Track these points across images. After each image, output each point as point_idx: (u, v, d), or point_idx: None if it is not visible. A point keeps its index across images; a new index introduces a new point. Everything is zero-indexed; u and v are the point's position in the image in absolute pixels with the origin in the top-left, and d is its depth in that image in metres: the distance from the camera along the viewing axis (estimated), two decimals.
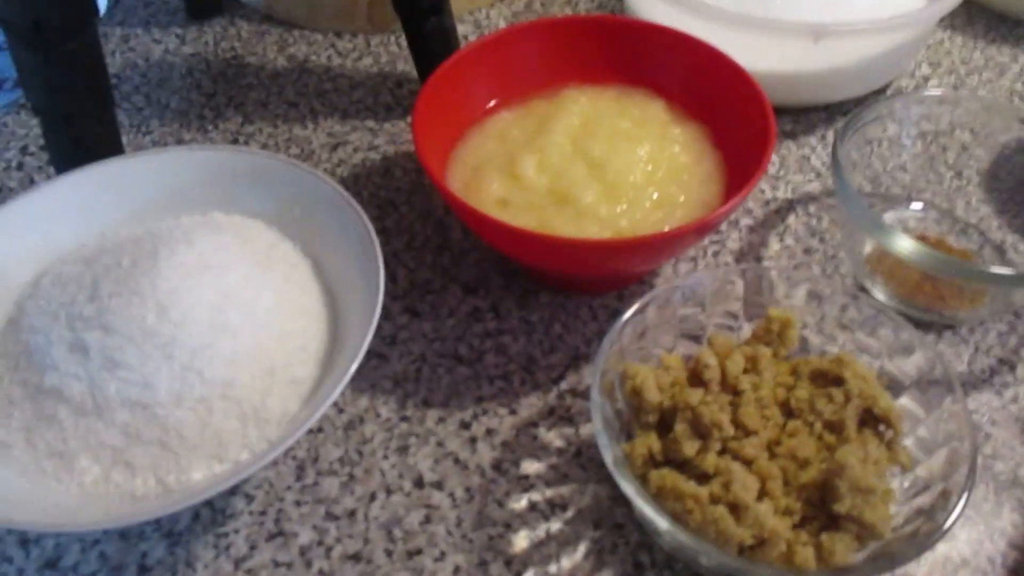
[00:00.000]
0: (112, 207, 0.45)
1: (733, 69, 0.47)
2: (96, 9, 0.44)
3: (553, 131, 0.47)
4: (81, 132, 0.47)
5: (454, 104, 0.48)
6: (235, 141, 0.58)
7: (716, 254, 0.50)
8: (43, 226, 0.44)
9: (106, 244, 0.43)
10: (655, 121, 0.48)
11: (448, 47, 0.54)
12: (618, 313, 0.47)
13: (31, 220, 0.44)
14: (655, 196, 0.44)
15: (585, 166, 0.45)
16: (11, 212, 0.43)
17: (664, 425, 0.38)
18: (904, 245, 0.42)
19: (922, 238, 0.50)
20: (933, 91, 0.55)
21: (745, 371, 0.39)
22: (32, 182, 0.55)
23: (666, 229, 0.42)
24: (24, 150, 0.57)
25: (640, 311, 0.39)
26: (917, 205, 0.52)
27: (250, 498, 0.40)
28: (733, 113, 0.47)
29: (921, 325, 0.46)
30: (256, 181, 0.46)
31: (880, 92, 0.59)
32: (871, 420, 0.38)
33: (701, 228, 0.41)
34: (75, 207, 0.45)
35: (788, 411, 0.38)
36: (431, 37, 0.53)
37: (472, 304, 0.47)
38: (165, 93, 0.61)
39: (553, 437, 0.42)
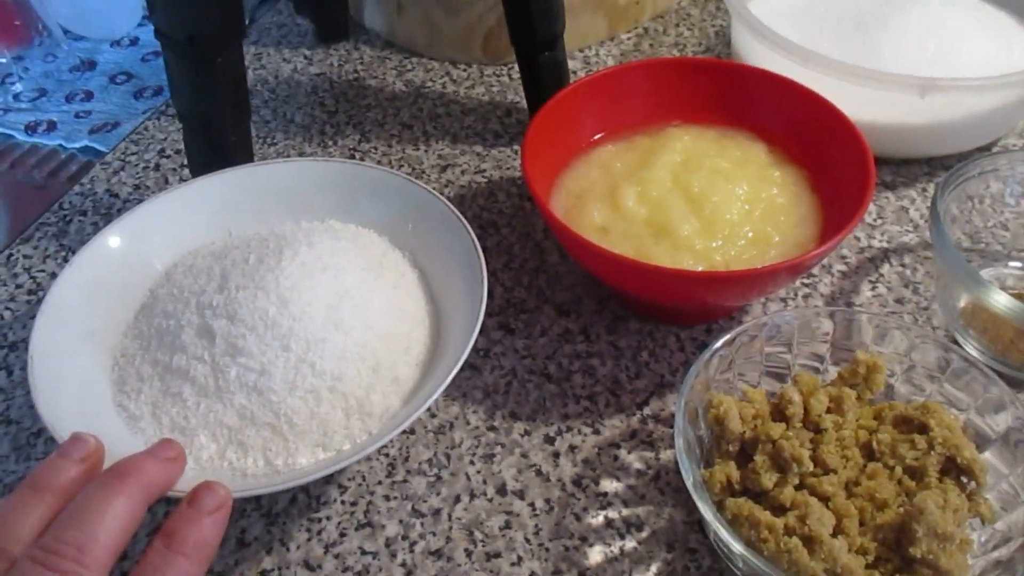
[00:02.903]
0: (241, 209, 0.49)
1: (836, 116, 0.48)
2: (244, 28, 0.48)
3: (655, 166, 0.48)
4: (219, 139, 0.51)
5: (561, 134, 0.50)
6: (352, 156, 0.61)
7: (807, 297, 0.51)
8: (180, 221, 0.48)
9: (234, 241, 0.47)
10: (755, 162, 0.49)
11: (560, 81, 0.57)
12: (705, 346, 0.48)
13: (169, 216, 0.48)
14: (750, 234, 0.46)
15: (684, 200, 0.47)
16: (152, 207, 0.48)
17: (744, 456, 0.39)
18: (999, 300, 0.42)
19: (1020, 296, 0.50)
20: None
21: (828, 410, 0.40)
22: (167, 182, 0.60)
23: (759, 267, 0.44)
24: (161, 152, 0.62)
25: (728, 344, 0.41)
26: (1017, 264, 0.52)
27: (344, 488, 0.43)
28: (833, 160, 0.48)
29: (1015, 383, 0.46)
30: (372, 194, 0.50)
31: (986, 149, 0.59)
32: (954, 470, 0.38)
33: (793, 268, 0.42)
34: (208, 207, 0.49)
35: (869, 453, 0.39)
36: (544, 70, 0.56)
37: (564, 325, 0.49)
38: (291, 108, 0.66)
39: (633, 459, 0.44)
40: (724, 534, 0.34)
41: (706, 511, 0.35)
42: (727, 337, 0.40)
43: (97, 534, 0.29)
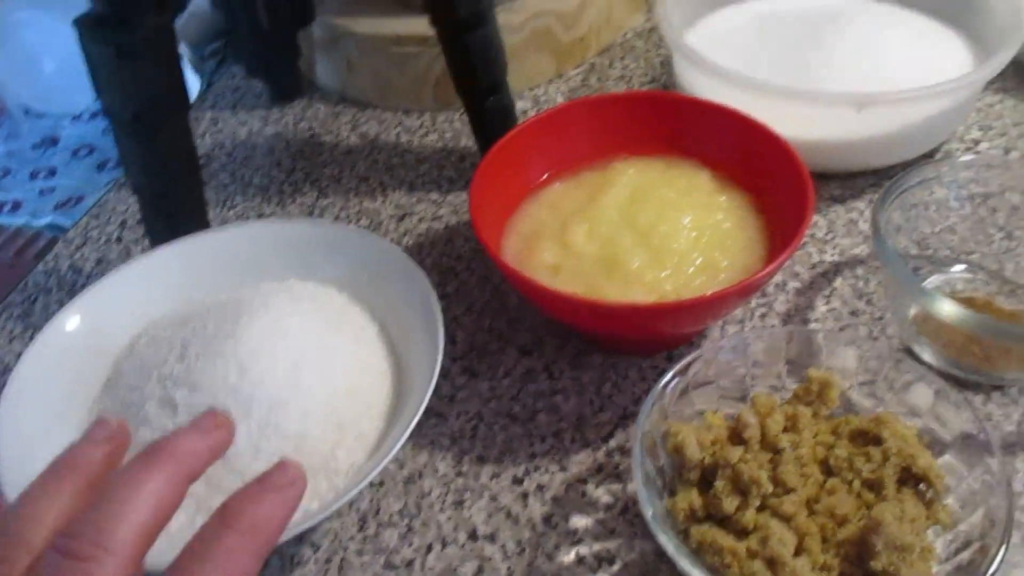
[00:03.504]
0: (200, 276, 0.50)
1: (773, 140, 0.49)
2: (187, 102, 0.49)
3: (602, 201, 0.49)
4: (173, 208, 0.52)
5: (509, 178, 0.51)
6: (311, 214, 0.62)
7: (763, 316, 0.51)
8: (139, 294, 0.49)
9: (194, 309, 0.48)
10: (700, 190, 0.50)
11: (506, 124, 0.58)
12: (666, 373, 0.49)
13: (129, 289, 0.48)
14: (699, 261, 0.46)
15: (632, 234, 0.48)
16: (111, 282, 0.48)
17: (706, 482, 0.40)
18: (945, 308, 0.43)
19: (970, 300, 0.51)
20: (979, 156, 0.56)
21: (785, 430, 0.40)
22: (129, 254, 0.60)
23: (708, 293, 0.44)
24: (123, 224, 0.63)
25: (682, 372, 0.41)
26: (965, 267, 0.53)
27: (316, 547, 0.43)
28: (774, 182, 0.49)
29: (969, 385, 0.47)
30: (330, 250, 0.51)
31: (929, 155, 0.61)
32: (911, 479, 0.38)
33: (741, 292, 0.42)
34: (167, 277, 0.50)
35: (828, 469, 0.40)
36: (490, 115, 0.57)
37: (527, 365, 0.50)
38: (248, 171, 0.67)
39: (601, 493, 0.44)
40: (684, 565, 0.35)
41: (666, 543, 0.36)
42: (679, 367, 0.41)
43: (122, 517, 0.26)
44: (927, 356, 0.48)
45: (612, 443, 0.46)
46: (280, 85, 0.72)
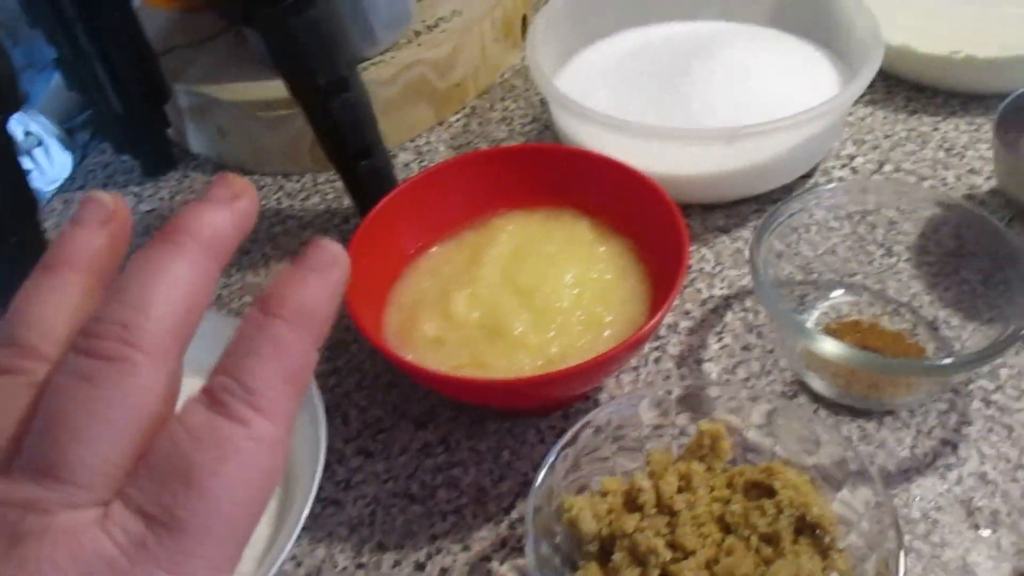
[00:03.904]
0: None
1: (647, 186, 0.49)
2: (35, 204, 0.47)
3: (482, 263, 0.48)
4: None
5: (386, 247, 0.50)
6: None
7: (657, 360, 0.51)
8: None
9: None
10: (581, 242, 0.50)
11: (383, 186, 0.56)
12: (564, 433, 0.48)
13: None
14: (583, 319, 0.46)
15: (514, 296, 0.47)
16: None
17: (606, 553, 0.39)
18: (827, 347, 0.43)
19: (855, 324, 0.51)
20: (852, 180, 0.56)
21: (680, 490, 0.40)
22: None
23: (594, 354, 0.44)
24: None
25: (570, 442, 0.40)
26: (849, 290, 0.53)
27: None
28: (652, 227, 0.48)
29: (861, 413, 0.47)
30: (201, 338, 0.48)
31: (808, 175, 0.61)
32: (807, 527, 0.38)
33: (625, 351, 0.42)
34: None
35: (726, 526, 0.39)
36: (365, 180, 0.56)
37: (423, 439, 0.49)
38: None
39: (507, 570, 0.43)
40: None
41: None
42: (567, 438, 0.40)
43: (148, 306, 0.21)
44: (818, 387, 0.48)
45: (514, 514, 0.45)
46: (151, 159, 0.70)
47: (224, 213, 0.24)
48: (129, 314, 0.21)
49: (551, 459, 0.40)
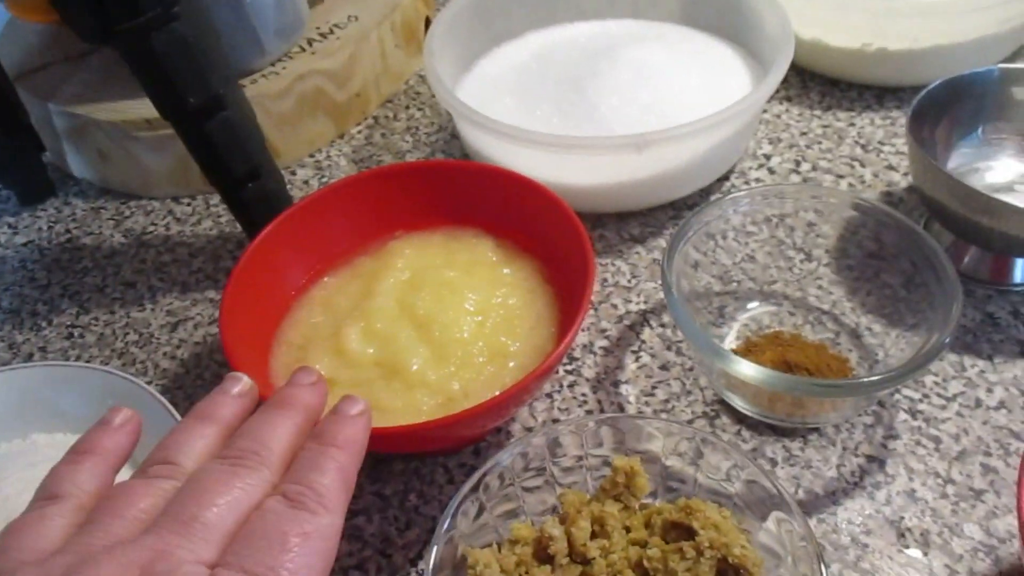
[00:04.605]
0: None
1: (552, 201, 0.46)
2: None
3: (377, 293, 0.45)
4: None
5: (270, 281, 0.46)
6: (71, 335, 0.55)
7: (572, 385, 0.48)
8: None
9: None
10: (483, 263, 0.46)
11: (275, 209, 0.52)
12: (475, 471, 0.44)
13: None
14: (485, 350, 0.42)
15: (411, 328, 0.43)
16: None
17: None
18: (744, 370, 0.40)
19: (777, 336, 0.49)
20: (767, 187, 0.53)
21: (594, 535, 0.37)
22: None
23: (498, 388, 0.40)
24: None
25: (474, 488, 0.37)
26: (769, 299, 0.51)
27: None
28: (558, 246, 0.45)
29: (786, 432, 0.45)
30: (77, 395, 0.44)
31: (724, 178, 0.59)
32: (730, 569, 0.35)
33: (530, 385, 0.39)
34: None
35: (644, 572, 0.36)
36: (252, 204, 0.51)
37: None
38: None
39: None
40: None
41: None
42: (469, 484, 0.37)
43: (271, 444, 0.30)
44: (740, 405, 0.45)
45: (422, 564, 0.41)
46: (26, 186, 0.64)
47: (313, 392, 0.34)
48: (260, 447, 0.30)
49: (453, 508, 0.36)
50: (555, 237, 0.46)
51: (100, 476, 0.31)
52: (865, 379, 0.40)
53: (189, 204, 0.63)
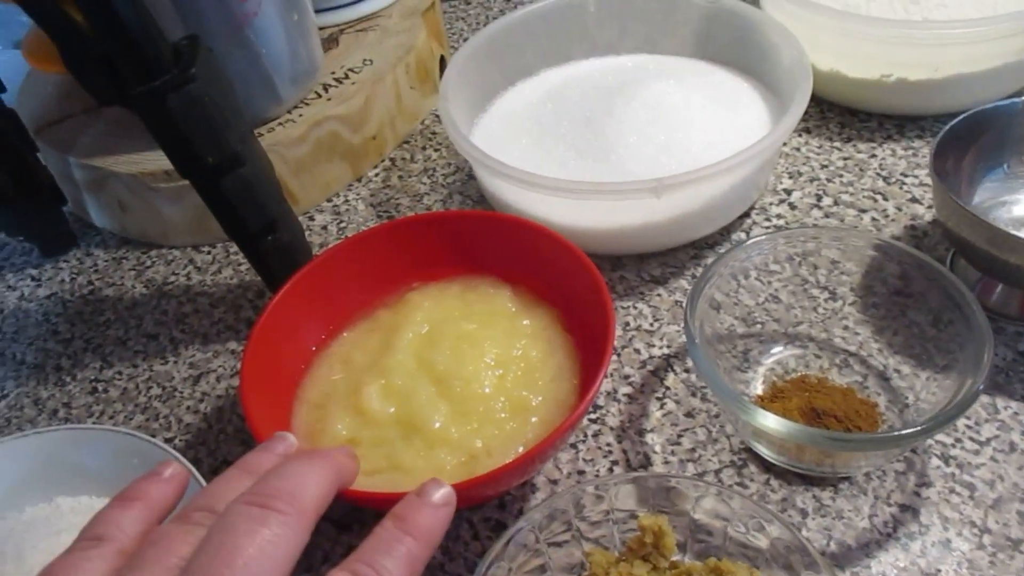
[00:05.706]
0: None
1: (568, 249, 0.45)
2: None
3: (396, 348, 0.44)
4: None
5: (289, 339, 0.45)
6: (94, 390, 0.55)
7: (597, 435, 0.47)
8: None
9: None
10: (502, 314, 0.46)
11: (294, 262, 0.52)
12: (501, 526, 0.44)
13: None
14: (507, 405, 0.42)
15: (431, 383, 0.43)
16: None
17: None
18: (770, 423, 0.39)
19: (803, 380, 0.48)
20: (789, 232, 0.53)
21: None
22: None
23: (522, 443, 0.40)
24: None
25: (499, 556, 0.36)
26: (794, 341, 0.50)
27: None
28: (576, 295, 0.45)
29: (816, 481, 0.44)
30: (99, 458, 0.44)
31: (745, 215, 0.58)
32: None
33: (553, 442, 0.38)
34: None
35: None
36: (270, 257, 0.51)
37: (346, 543, 0.44)
38: (20, 346, 0.59)
39: None
40: None
41: None
42: (496, 549, 0.36)
43: (304, 488, 0.30)
44: (767, 453, 0.45)
45: None
46: (48, 239, 0.65)
47: (346, 458, 0.35)
48: (291, 488, 0.30)
49: (481, 573, 0.36)
50: (573, 286, 0.45)
51: (144, 523, 0.31)
52: (896, 433, 0.39)
53: (209, 252, 0.63)
